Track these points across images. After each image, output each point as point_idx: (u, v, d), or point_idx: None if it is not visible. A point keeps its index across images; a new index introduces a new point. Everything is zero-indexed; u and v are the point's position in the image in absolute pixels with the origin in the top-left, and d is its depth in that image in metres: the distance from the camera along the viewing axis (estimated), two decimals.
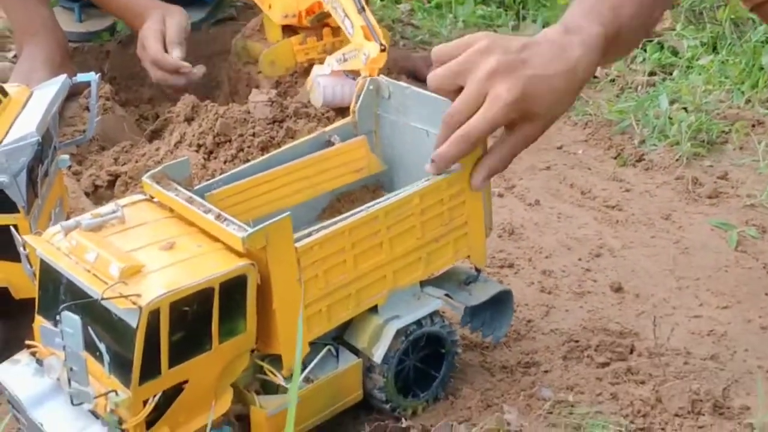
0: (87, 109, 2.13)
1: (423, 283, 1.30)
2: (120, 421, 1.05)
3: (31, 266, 1.16)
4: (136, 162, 1.97)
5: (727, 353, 1.46)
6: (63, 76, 1.47)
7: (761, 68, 2.41)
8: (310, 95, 2.05)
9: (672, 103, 2.24)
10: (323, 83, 2.01)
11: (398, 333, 1.25)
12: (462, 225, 1.30)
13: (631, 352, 1.45)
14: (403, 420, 1.28)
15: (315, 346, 1.21)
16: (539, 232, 1.77)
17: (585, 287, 1.62)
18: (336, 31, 2.20)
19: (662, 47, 2.66)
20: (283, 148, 1.37)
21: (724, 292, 1.62)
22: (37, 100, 1.42)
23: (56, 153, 1.48)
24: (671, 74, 2.51)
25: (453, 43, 1.28)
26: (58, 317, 1.03)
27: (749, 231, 1.79)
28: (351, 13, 2.01)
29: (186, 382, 1.07)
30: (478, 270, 1.36)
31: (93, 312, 1.05)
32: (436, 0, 2.96)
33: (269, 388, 1.19)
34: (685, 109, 2.23)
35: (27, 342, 1.17)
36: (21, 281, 1.35)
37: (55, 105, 1.42)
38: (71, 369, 1.03)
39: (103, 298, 1.00)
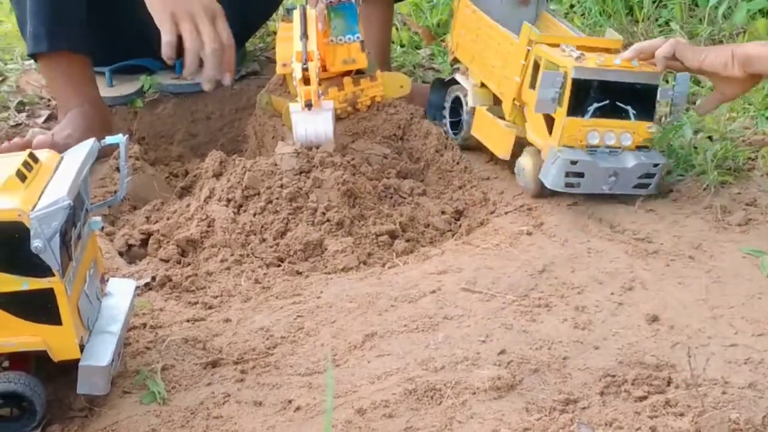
0: (117, 170, 2.17)
1: None
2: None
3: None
4: (168, 219, 1.99)
5: (765, 381, 1.45)
6: (92, 140, 1.49)
7: None
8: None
9: (696, 132, 2.24)
10: (295, 120, 2.05)
11: None
12: None
13: (669, 384, 1.44)
14: None
15: None
16: (570, 268, 1.77)
17: (619, 321, 1.62)
18: (356, 80, 2.23)
19: None
20: None
21: (759, 320, 1.61)
22: (67, 165, 1.44)
23: (88, 215, 1.50)
24: (694, 104, 2.51)
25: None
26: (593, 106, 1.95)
27: None
28: (295, 39, 2.07)
29: None
30: None
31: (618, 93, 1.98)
32: None
33: None
34: (709, 137, 2.23)
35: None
36: (60, 343, 1.37)
37: (86, 168, 1.44)
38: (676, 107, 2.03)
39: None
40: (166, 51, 2.10)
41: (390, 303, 1.67)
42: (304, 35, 2.04)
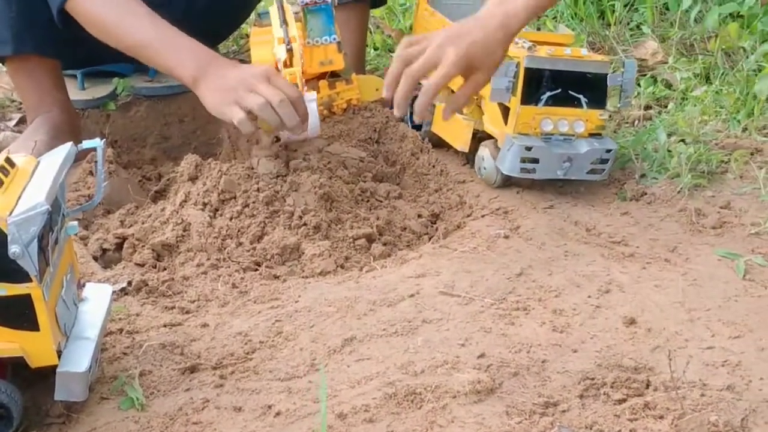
0: (91, 173, 2.15)
1: None
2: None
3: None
4: (143, 223, 1.98)
5: (743, 383, 1.46)
6: (69, 144, 1.48)
7: (755, 96, 2.43)
8: None
9: (669, 135, 2.26)
10: None
11: None
12: None
13: (647, 386, 1.45)
14: None
15: None
16: (547, 272, 1.78)
17: (597, 324, 1.62)
18: (332, 83, 2.23)
19: (656, 81, 2.69)
20: None
21: (735, 322, 1.62)
22: (44, 169, 1.43)
23: (65, 220, 1.49)
24: (666, 107, 2.54)
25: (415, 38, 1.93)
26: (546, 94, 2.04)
27: (756, 259, 1.80)
28: (275, 26, 2.08)
29: None
30: None
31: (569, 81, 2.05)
32: None
33: None
34: (683, 140, 2.25)
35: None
36: (37, 350, 1.36)
37: (63, 173, 1.42)
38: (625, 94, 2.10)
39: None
40: (245, 128, 1.99)
41: (369, 307, 1.67)
42: (284, 22, 2.04)
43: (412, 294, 1.71)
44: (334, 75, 2.25)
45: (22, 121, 2.57)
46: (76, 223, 1.52)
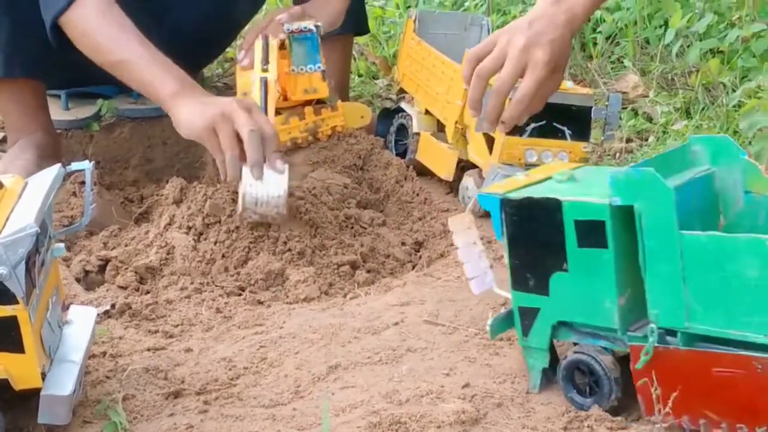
0: (74, 194, 2.15)
1: None
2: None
3: None
4: (126, 246, 1.97)
5: None
6: (57, 166, 1.48)
7: (735, 132, 2.45)
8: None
9: None
10: (244, 173, 1.89)
11: None
12: None
13: (630, 420, 1.46)
14: None
15: None
16: None
17: None
18: (318, 110, 2.24)
19: (636, 114, 2.71)
20: None
21: None
22: (32, 191, 1.43)
23: (51, 242, 1.48)
24: (647, 140, 2.56)
25: (482, 43, 1.85)
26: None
27: None
28: (256, 63, 2.11)
29: None
30: None
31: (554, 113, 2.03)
32: None
33: None
34: None
35: None
36: (22, 372, 1.35)
37: (52, 195, 1.42)
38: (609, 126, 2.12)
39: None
40: (230, 173, 1.89)
41: (353, 334, 1.67)
42: (266, 61, 2.06)
43: (397, 322, 1.71)
44: (319, 102, 2.26)
45: (3, 141, 2.56)
46: (62, 245, 1.51)
